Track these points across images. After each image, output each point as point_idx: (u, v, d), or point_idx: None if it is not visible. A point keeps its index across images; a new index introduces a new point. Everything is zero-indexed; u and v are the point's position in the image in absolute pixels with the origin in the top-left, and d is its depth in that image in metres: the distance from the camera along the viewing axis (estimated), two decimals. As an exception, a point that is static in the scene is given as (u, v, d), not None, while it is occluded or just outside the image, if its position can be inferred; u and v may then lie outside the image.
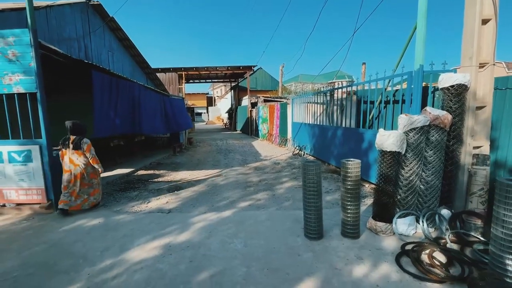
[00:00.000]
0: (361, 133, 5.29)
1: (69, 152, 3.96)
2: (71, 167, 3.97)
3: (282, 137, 11.47)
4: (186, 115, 11.66)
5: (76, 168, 3.97)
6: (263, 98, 16.85)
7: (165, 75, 16.62)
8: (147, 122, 7.51)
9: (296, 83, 27.30)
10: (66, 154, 3.98)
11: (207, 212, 4.04)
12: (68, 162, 3.96)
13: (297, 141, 9.47)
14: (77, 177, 3.97)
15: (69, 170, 3.97)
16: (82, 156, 4.00)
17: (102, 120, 5.33)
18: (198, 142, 14.41)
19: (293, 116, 10.14)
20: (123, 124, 6.17)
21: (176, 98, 11.28)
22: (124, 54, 11.51)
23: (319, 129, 7.50)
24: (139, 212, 4.10)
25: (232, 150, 10.97)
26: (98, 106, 5.21)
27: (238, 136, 17.49)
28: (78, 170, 3.98)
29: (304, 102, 8.91)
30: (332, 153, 6.60)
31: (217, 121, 37.79)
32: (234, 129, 23.01)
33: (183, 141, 11.89)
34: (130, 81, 6.83)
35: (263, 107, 14.69)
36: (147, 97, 7.87)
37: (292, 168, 6.98)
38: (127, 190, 5.29)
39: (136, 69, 12.51)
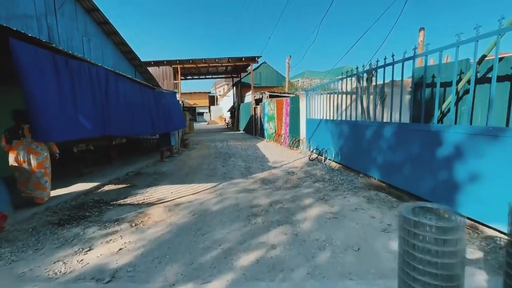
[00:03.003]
0: (434, 132, 3.36)
1: (25, 142, 3.82)
2: (29, 157, 3.81)
3: (293, 138, 9.56)
4: (179, 113, 9.83)
5: (38, 157, 3.90)
6: (268, 94, 14.95)
7: (158, 69, 14.82)
8: (121, 121, 5.70)
9: (303, 79, 25.35)
10: (21, 145, 3.80)
11: (179, 283, 2.17)
12: (26, 153, 3.80)
13: (314, 142, 7.56)
14: (40, 166, 3.90)
15: (24, 161, 3.79)
16: (43, 144, 3.98)
17: (48, 117, 3.55)
18: (195, 144, 12.58)
19: (307, 112, 8.23)
20: (86, 124, 4.36)
21: (166, 92, 9.46)
22: (105, 42, 9.71)
23: (349, 126, 5.57)
24: (58, 279, 2.26)
25: (233, 153, 9.10)
26: (39, 97, 3.44)
27: (240, 137, 15.62)
28: (41, 158, 3.92)
29: (323, 92, 6.99)
30: (373, 161, 4.68)
31: (219, 120, 36.02)
32: (237, 129, 21.15)
33: (175, 143, 10.05)
34: (92, 64, 5.01)
35: (269, 103, 12.79)
36: (122, 88, 6.06)
37: (313, 181, 5.08)
38: (69, 222, 3.45)
39: (121, 60, 10.69)
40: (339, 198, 4.07)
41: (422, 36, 6.34)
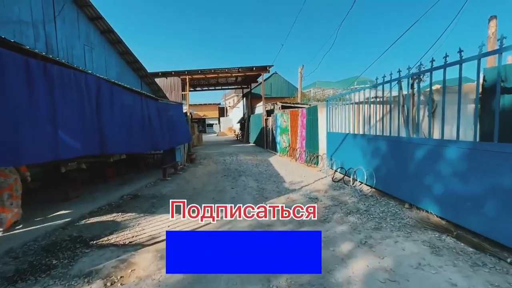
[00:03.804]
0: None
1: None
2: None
3: (310, 153, 8.55)
4: (184, 126, 9.06)
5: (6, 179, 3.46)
6: (280, 104, 14.09)
7: (166, 80, 14.31)
8: (117, 137, 4.92)
9: (316, 89, 24.48)
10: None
11: None
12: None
13: (338, 159, 6.52)
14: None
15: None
16: None
17: (12, 135, 2.79)
18: (202, 158, 11.74)
19: (328, 125, 7.24)
20: (70, 141, 3.59)
21: (170, 103, 8.75)
22: (109, 51, 9.21)
23: (388, 143, 4.52)
24: None
25: (243, 170, 8.15)
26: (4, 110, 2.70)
27: (251, 150, 14.69)
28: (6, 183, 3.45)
29: (348, 102, 6.02)
30: (428, 190, 3.60)
31: (229, 132, 35.41)
32: (247, 141, 20.28)
33: (180, 159, 9.23)
34: (80, 70, 4.29)
35: (281, 114, 11.89)
36: (118, 98, 5.33)
37: (345, 212, 4.03)
38: (25, 277, 2.55)
39: (126, 71, 10.16)
40: (389, 243, 3.01)
41: (494, 26, 5.23)
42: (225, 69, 14.13)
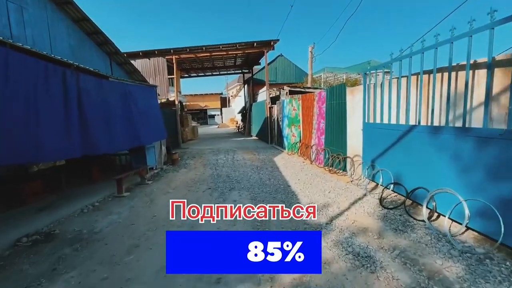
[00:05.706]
0: None
1: None
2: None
3: (333, 153, 6.04)
4: (157, 117, 6.60)
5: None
6: (288, 89, 11.51)
7: (149, 62, 11.79)
8: (53, 139, 2.57)
9: (327, 73, 21.64)
10: None
11: None
12: None
13: (388, 168, 4.04)
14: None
15: None
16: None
17: None
18: (191, 157, 9.35)
19: (366, 112, 4.71)
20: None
21: (135, 85, 6.30)
22: (56, 15, 6.72)
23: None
24: None
25: (238, 179, 5.75)
26: None
27: (252, 145, 12.20)
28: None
29: (412, 72, 3.47)
30: None
31: (231, 123, 32.92)
32: (249, 134, 17.78)
33: (155, 162, 6.85)
34: None
35: (290, 101, 9.32)
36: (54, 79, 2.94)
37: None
38: None
39: (86, 45, 7.62)
40: None
41: None
42: (219, 46, 11.47)
